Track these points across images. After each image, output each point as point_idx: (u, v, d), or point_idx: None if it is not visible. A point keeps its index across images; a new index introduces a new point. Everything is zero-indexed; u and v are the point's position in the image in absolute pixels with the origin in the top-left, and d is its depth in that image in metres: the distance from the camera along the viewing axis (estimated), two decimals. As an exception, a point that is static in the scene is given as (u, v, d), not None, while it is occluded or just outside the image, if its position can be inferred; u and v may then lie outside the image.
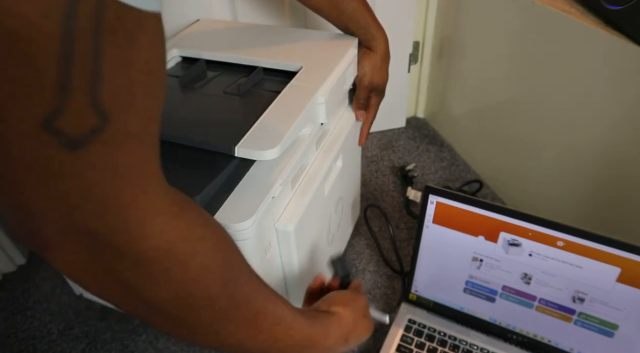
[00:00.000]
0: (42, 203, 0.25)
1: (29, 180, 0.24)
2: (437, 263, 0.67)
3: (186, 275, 0.31)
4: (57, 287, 0.86)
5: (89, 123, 0.23)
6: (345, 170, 0.74)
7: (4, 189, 0.25)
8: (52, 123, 0.22)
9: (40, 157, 0.23)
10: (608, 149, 0.70)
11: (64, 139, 0.22)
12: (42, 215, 0.25)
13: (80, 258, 0.28)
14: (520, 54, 0.82)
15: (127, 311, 0.33)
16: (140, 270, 0.29)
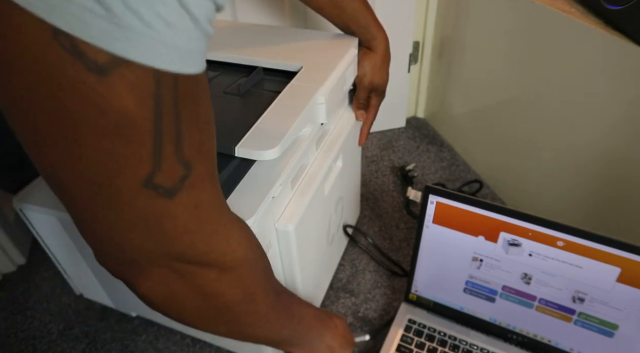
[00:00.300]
0: (143, 241, 0.30)
1: (135, 225, 0.29)
2: (437, 263, 0.67)
3: (254, 276, 0.39)
4: (57, 287, 0.86)
5: (178, 174, 0.29)
6: (345, 170, 0.74)
7: (110, 235, 0.30)
8: (151, 181, 0.27)
9: (144, 207, 0.28)
10: (608, 149, 0.70)
11: (161, 190, 0.28)
12: (140, 249, 0.31)
13: (169, 279, 0.34)
14: (520, 54, 0.82)
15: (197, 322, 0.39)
16: (223, 278, 0.36)
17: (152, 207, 0.29)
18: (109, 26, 0.22)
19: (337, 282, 0.83)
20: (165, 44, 0.24)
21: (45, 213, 0.66)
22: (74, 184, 0.27)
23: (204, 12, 0.25)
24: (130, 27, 0.23)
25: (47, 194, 0.67)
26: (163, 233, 0.30)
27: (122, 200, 0.28)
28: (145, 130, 0.25)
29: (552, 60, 0.75)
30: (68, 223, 0.66)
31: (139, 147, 0.26)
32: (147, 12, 0.23)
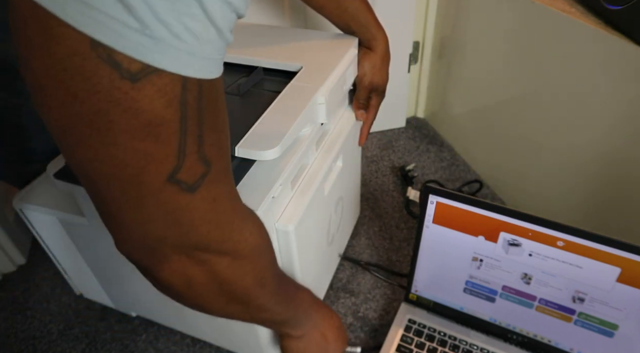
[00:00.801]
0: (165, 231, 0.33)
1: (158, 217, 0.32)
2: (437, 263, 0.67)
3: (263, 263, 0.42)
4: (57, 287, 0.86)
5: (199, 171, 0.31)
6: (345, 170, 0.74)
7: (134, 226, 0.33)
8: (175, 177, 0.30)
9: (167, 201, 0.31)
10: (608, 149, 0.70)
11: (183, 186, 0.31)
12: (162, 239, 0.34)
13: (186, 266, 0.36)
14: (520, 54, 0.82)
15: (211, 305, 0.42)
16: (236, 264, 0.39)
17: (174, 201, 0.31)
18: (141, 38, 0.24)
19: (337, 282, 0.83)
20: (191, 53, 0.26)
21: (45, 213, 0.66)
22: (105, 180, 0.30)
23: (227, 23, 0.28)
24: (161, 38, 0.25)
25: (47, 194, 0.67)
26: (183, 224, 0.33)
27: (148, 194, 0.30)
28: (172, 130, 0.28)
29: (552, 60, 0.75)
30: (68, 224, 0.66)
31: (166, 146, 0.28)
32: (177, 24, 0.25)
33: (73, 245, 0.70)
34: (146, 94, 0.26)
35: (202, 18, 0.26)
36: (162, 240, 0.34)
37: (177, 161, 0.30)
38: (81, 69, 0.24)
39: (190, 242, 0.35)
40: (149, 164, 0.29)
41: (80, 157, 0.29)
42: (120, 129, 0.27)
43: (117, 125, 0.27)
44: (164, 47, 0.25)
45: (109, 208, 0.32)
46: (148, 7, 0.24)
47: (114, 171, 0.29)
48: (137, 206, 0.31)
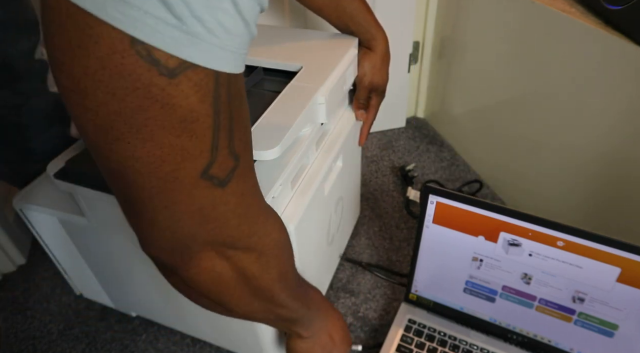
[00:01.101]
0: (197, 228, 0.34)
1: (191, 214, 0.32)
2: (437, 263, 0.67)
3: (286, 257, 0.44)
4: (57, 287, 0.86)
5: (230, 166, 0.32)
6: (345, 170, 0.74)
7: (167, 224, 0.33)
8: (208, 172, 0.31)
9: (200, 196, 0.32)
10: (608, 149, 0.70)
11: (216, 181, 0.32)
12: (194, 236, 0.34)
13: (216, 263, 0.37)
14: (520, 54, 0.82)
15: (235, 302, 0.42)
16: (263, 259, 0.40)
17: (207, 196, 0.32)
18: (179, 34, 0.25)
19: (337, 282, 0.83)
20: (222, 48, 0.27)
21: (45, 213, 0.66)
22: (141, 178, 0.30)
23: (254, 16, 0.28)
24: (196, 33, 0.25)
25: (47, 194, 0.67)
26: (215, 219, 0.34)
27: (183, 190, 0.31)
28: (207, 125, 0.29)
29: (552, 60, 0.75)
30: (68, 223, 0.66)
31: (201, 142, 0.29)
32: (210, 19, 0.25)
33: (73, 245, 0.70)
34: (182, 89, 0.26)
35: (233, 12, 0.26)
36: (193, 237, 0.34)
37: (211, 156, 0.30)
38: (120, 67, 0.25)
39: (220, 238, 0.36)
40: (185, 159, 0.29)
41: (117, 156, 0.29)
42: (157, 125, 0.27)
43: (155, 121, 0.27)
44: (199, 42, 0.26)
45: (142, 208, 0.32)
46: (184, 4, 0.24)
47: (150, 169, 0.29)
48: (171, 203, 0.31)
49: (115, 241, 0.64)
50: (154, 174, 0.29)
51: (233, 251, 0.37)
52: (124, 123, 0.27)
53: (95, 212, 0.62)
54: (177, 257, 0.36)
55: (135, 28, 0.24)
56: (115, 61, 0.25)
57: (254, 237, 0.38)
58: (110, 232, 0.63)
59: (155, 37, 0.24)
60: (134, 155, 0.28)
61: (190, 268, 0.37)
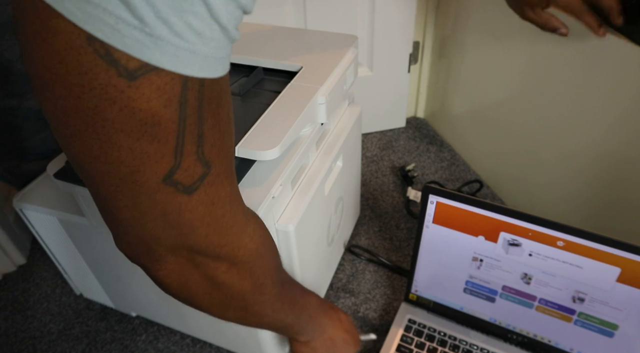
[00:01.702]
0: (161, 232, 0.33)
1: (154, 217, 0.31)
2: (437, 263, 0.67)
3: (263, 269, 0.41)
4: (57, 287, 0.86)
5: (198, 172, 0.30)
6: (345, 170, 0.74)
7: (130, 224, 0.32)
8: (171, 177, 0.29)
9: (163, 201, 0.30)
10: (608, 149, 0.70)
11: (180, 187, 0.30)
12: (158, 239, 0.33)
13: (183, 267, 0.36)
14: (520, 54, 0.82)
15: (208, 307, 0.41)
16: (234, 270, 0.38)
17: (171, 202, 0.31)
18: (140, 35, 0.24)
19: (337, 282, 0.83)
20: (193, 52, 0.26)
21: (45, 213, 0.66)
22: (99, 176, 0.29)
23: (233, 20, 0.27)
24: (161, 37, 0.24)
25: (47, 194, 0.67)
26: (180, 226, 0.32)
27: (143, 194, 0.30)
28: (169, 130, 0.27)
29: (552, 60, 0.75)
30: (68, 223, 0.66)
31: (162, 146, 0.28)
32: (178, 22, 0.24)
33: (73, 245, 0.70)
34: (143, 92, 0.25)
35: (206, 16, 0.25)
36: (158, 240, 0.33)
37: (174, 161, 0.29)
38: (77, 63, 0.24)
39: (187, 244, 0.34)
40: (144, 163, 0.28)
41: (74, 151, 0.28)
42: (114, 128, 0.26)
43: (112, 123, 0.26)
44: (164, 45, 0.24)
45: (106, 205, 0.32)
46: (148, 5, 0.23)
47: (108, 168, 0.28)
48: (133, 205, 0.30)
49: (115, 241, 0.64)
50: (112, 174, 0.28)
51: (202, 258, 0.36)
52: (81, 121, 0.26)
53: (95, 212, 0.62)
54: (144, 257, 0.35)
55: (93, 26, 0.23)
56: (72, 57, 0.24)
57: (226, 247, 0.36)
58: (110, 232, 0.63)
59: (114, 37, 0.23)
60: (91, 153, 0.28)
61: (158, 270, 0.36)
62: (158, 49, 0.24)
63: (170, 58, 0.25)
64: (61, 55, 0.24)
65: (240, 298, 0.41)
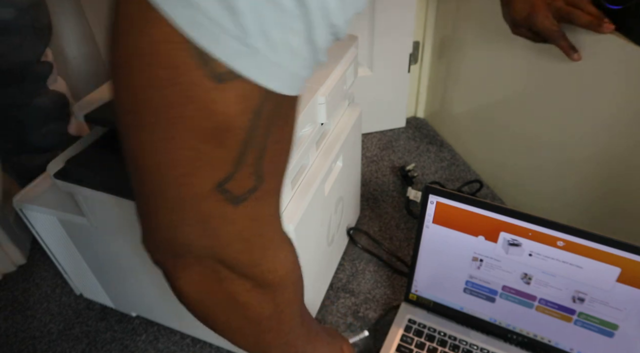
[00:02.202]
0: (196, 239, 0.32)
1: (193, 224, 0.31)
2: (437, 263, 0.67)
3: (287, 298, 0.39)
4: (57, 287, 0.86)
5: (249, 185, 0.30)
6: (345, 170, 0.74)
7: (165, 226, 0.31)
8: (223, 185, 0.29)
9: (208, 209, 0.30)
10: (608, 149, 0.70)
11: (229, 196, 0.29)
12: (190, 247, 0.32)
13: (206, 279, 0.35)
14: (520, 54, 0.82)
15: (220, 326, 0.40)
16: (258, 292, 0.36)
17: (215, 210, 0.30)
18: (238, 44, 0.24)
19: (337, 282, 0.83)
20: (282, 67, 0.26)
21: (45, 213, 0.66)
22: (151, 173, 0.29)
23: (325, 44, 0.27)
24: (258, 48, 0.24)
25: (47, 194, 0.67)
26: (217, 237, 0.32)
27: (191, 197, 0.29)
28: (238, 138, 0.27)
29: (552, 60, 0.75)
30: (68, 223, 0.66)
31: (225, 152, 0.27)
32: (277, 36, 0.25)
33: (73, 245, 0.70)
34: (226, 96, 0.25)
35: (304, 35, 0.25)
36: (189, 247, 0.32)
37: (231, 170, 0.28)
38: (169, 57, 0.24)
39: (218, 257, 0.33)
40: (202, 166, 0.28)
41: (133, 143, 0.28)
42: (186, 126, 0.26)
43: (185, 121, 0.26)
44: (258, 57, 0.25)
45: (147, 202, 0.31)
46: (257, 17, 0.23)
47: (165, 167, 0.28)
48: (174, 207, 0.30)
49: (115, 241, 0.64)
50: (166, 173, 0.28)
51: (229, 273, 0.34)
52: (154, 114, 0.26)
53: (95, 212, 0.62)
54: (169, 262, 0.34)
55: (193, 29, 0.23)
56: (166, 49, 0.24)
57: (255, 268, 0.35)
58: (110, 232, 0.63)
59: (212, 42, 0.24)
60: (152, 148, 0.27)
61: (180, 278, 0.35)
62: (251, 59, 0.25)
63: (259, 70, 0.25)
64: (156, 46, 0.24)
65: (256, 323, 0.39)
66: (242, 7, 0.23)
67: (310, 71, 0.28)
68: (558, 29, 0.65)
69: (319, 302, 0.79)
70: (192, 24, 0.23)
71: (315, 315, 0.77)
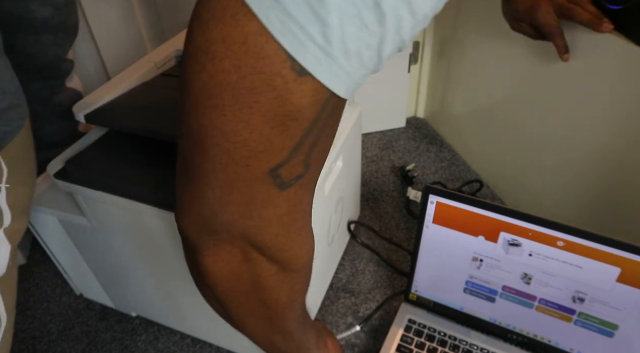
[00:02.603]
0: (238, 219, 0.33)
1: (240, 204, 0.32)
2: (437, 263, 0.67)
3: (301, 285, 0.42)
4: (57, 287, 0.86)
5: (298, 171, 0.32)
6: (345, 170, 0.74)
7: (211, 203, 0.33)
8: (276, 171, 0.31)
9: (257, 191, 0.32)
10: (608, 149, 0.70)
11: (278, 181, 0.32)
12: (230, 225, 0.34)
13: (234, 259, 0.36)
14: (520, 54, 0.82)
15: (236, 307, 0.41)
16: (281, 277, 0.38)
17: (263, 193, 0.32)
18: (320, 53, 0.26)
19: (337, 282, 0.83)
20: (350, 76, 0.28)
21: (45, 213, 0.66)
22: (214, 152, 0.30)
23: (389, 57, 0.29)
24: (336, 58, 0.27)
25: (47, 194, 0.67)
26: (259, 218, 0.33)
27: (246, 178, 0.31)
28: (302, 127, 0.29)
29: (552, 60, 0.75)
30: (68, 223, 0.66)
31: (288, 140, 0.30)
32: (353, 48, 0.27)
33: (73, 245, 0.70)
34: (303, 89, 0.27)
35: (375, 49, 0.27)
36: (228, 226, 0.34)
37: (288, 156, 0.30)
38: (259, 47, 0.26)
39: (253, 238, 0.35)
40: (265, 150, 0.30)
41: (205, 123, 0.29)
42: (260, 111, 0.28)
43: (261, 106, 0.28)
44: (334, 66, 0.27)
45: (197, 178, 0.32)
46: (341, 30, 0.25)
47: (230, 147, 0.29)
48: (227, 186, 0.31)
49: (115, 241, 0.64)
50: (230, 153, 0.30)
51: (258, 255, 0.36)
52: (232, 97, 0.28)
53: (95, 212, 0.62)
54: (202, 238, 0.36)
55: (281, 33, 0.25)
56: (256, 40, 0.26)
57: (285, 253, 0.37)
58: (110, 232, 0.63)
59: (299, 49, 0.26)
60: (222, 129, 0.29)
61: (209, 255, 0.36)
62: (329, 66, 0.27)
63: (333, 76, 0.28)
64: (247, 37, 0.26)
65: (271, 308, 0.41)
66: (332, 21, 0.25)
67: (366, 78, 0.30)
68: (558, 26, 0.66)
69: (319, 302, 0.79)
70: (282, 28, 0.25)
71: (316, 315, 0.77)
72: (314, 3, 0.25)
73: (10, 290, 0.47)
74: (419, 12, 0.27)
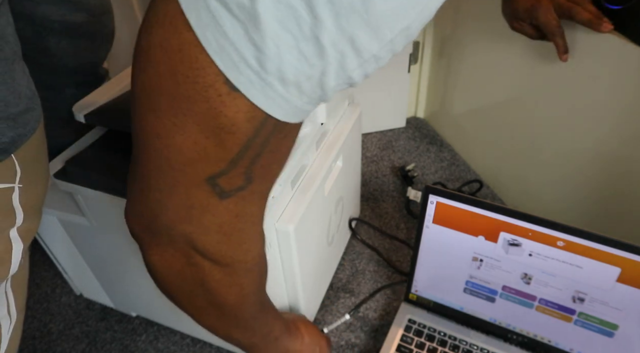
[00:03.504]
0: (178, 223, 0.34)
1: (179, 208, 0.33)
2: (437, 263, 0.67)
3: (251, 287, 0.42)
4: (57, 287, 0.86)
5: (238, 183, 0.32)
6: (345, 170, 0.74)
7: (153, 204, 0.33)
8: (215, 180, 0.31)
9: (196, 197, 0.32)
10: (608, 149, 0.70)
11: (217, 190, 0.32)
12: (170, 228, 0.34)
13: (178, 260, 0.37)
14: (520, 54, 0.82)
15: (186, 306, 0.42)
16: (225, 280, 0.39)
17: (202, 200, 0.32)
18: (254, 77, 0.26)
19: (337, 282, 0.83)
20: (288, 101, 0.28)
21: (45, 213, 0.66)
22: (153, 154, 0.31)
23: (337, 90, 0.29)
24: (270, 83, 0.27)
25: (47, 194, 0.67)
26: (199, 224, 0.34)
27: (184, 184, 0.32)
28: (238, 142, 0.29)
29: (552, 60, 0.75)
30: (68, 223, 0.66)
31: (224, 152, 0.30)
32: (292, 78, 0.27)
33: (73, 245, 0.70)
34: (237, 104, 0.27)
35: (316, 81, 0.27)
36: (169, 229, 0.34)
37: (225, 168, 0.31)
38: (193, 58, 0.26)
39: (194, 244, 0.35)
40: (200, 159, 0.30)
41: (145, 124, 0.30)
42: (193, 120, 0.28)
43: (194, 115, 0.28)
44: (269, 91, 0.27)
45: (141, 178, 0.33)
46: (279, 58, 0.25)
47: (165, 151, 0.30)
48: (166, 190, 0.32)
49: (115, 241, 0.64)
50: (166, 157, 0.30)
51: (200, 259, 0.37)
52: (167, 102, 0.28)
53: (95, 212, 0.62)
54: (146, 238, 0.36)
55: (217, 54, 0.25)
56: (192, 52, 0.26)
57: (228, 259, 0.37)
58: (110, 232, 0.63)
59: (232, 70, 0.26)
60: (159, 132, 0.29)
61: (153, 254, 0.37)
62: (263, 91, 0.27)
63: (268, 100, 0.27)
64: (183, 46, 0.26)
65: (219, 307, 0.41)
66: (268, 48, 0.25)
67: (315, 106, 0.30)
68: (559, 25, 0.66)
69: (319, 302, 0.79)
70: (217, 46, 0.25)
71: (315, 315, 0.77)
72: (249, 27, 0.24)
73: (21, 290, 0.48)
74: (365, 51, 0.26)
